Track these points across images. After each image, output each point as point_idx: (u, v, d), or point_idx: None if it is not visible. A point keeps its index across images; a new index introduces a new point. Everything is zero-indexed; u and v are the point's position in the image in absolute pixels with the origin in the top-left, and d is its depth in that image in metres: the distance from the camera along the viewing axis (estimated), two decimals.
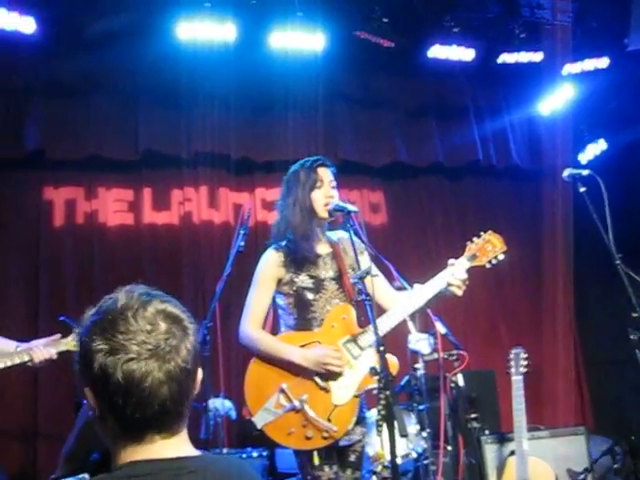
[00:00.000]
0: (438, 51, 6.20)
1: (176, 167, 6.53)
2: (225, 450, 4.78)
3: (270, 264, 3.31)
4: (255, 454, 4.89)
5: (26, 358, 3.24)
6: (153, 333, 1.32)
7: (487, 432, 5.16)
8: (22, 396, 5.69)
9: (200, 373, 1.42)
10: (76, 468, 1.21)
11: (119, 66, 5.96)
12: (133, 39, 5.71)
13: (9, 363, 3.21)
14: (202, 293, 6.28)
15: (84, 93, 6.04)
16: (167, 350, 1.32)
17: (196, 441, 5.27)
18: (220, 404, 4.64)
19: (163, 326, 1.34)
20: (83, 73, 5.95)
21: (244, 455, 4.84)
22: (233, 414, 4.67)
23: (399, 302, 3.22)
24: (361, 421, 3.25)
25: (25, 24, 5.25)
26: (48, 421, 5.57)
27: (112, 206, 6.40)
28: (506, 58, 6.38)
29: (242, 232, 3.90)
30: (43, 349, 3.25)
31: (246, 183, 6.88)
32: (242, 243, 3.86)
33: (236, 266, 4.20)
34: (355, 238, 3.12)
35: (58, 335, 3.33)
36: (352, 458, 3.24)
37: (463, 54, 6.25)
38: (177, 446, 1.37)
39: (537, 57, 6.42)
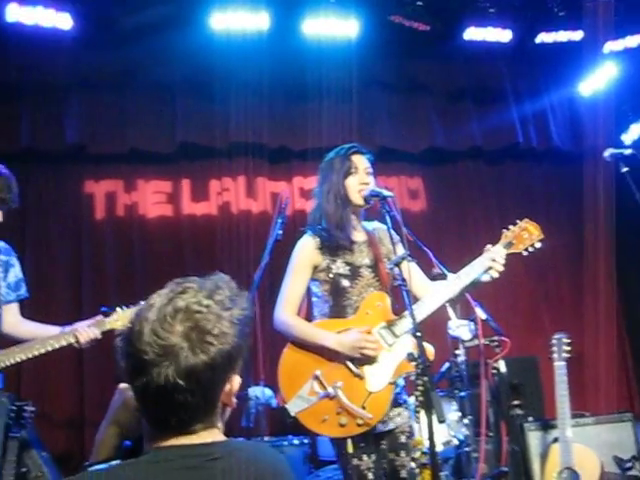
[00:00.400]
0: (474, 33, 6.10)
1: (213, 158, 6.58)
2: (267, 438, 4.81)
3: (306, 250, 3.30)
4: (296, 442, 4.90)
5: (72, 339, 3.30)
6: (170, 331, 1.34)
7: (530, 419, 5.09)
8: (68, 381, 5.83)
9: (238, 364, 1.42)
10: (109, 455, 1.23)
11: (155, 59, 6.03)
12: (167, 31, 5.76)
13: (56, 345, 3.28)
14: (242, 283, 6.30)
15: (121, 87, 6.13)
16: (185, 347, 1.32)
17: (238, 430, 5.37)
18: (260, 392, 4.66)
19: (180, 327, 1.34)
20: (120, 67, 6.04)
21: (285, 443, 4.85)
22: (273, 402, 4.68)
23: (435, 290, 3.19)
24: (403, 404, 3.23)
25: (62, 20, 5.34)
26: (94, 405, 5.67)
27: (151, 198, 6.49)
28: (544, 38, 6.26)
29: (279, 221, 3.90)
30: (88, 329, 3.31)
31: (283, 172, 6.90)
32: (280, 232, 3.86)
33: (274, 255, 4.21)
34: (393, 232, 3.07)
35: (100, 315, 3.38)
36: (402, 439, 3.20)
37: (500, 35, 6.15)
38: (205, 431, 1.39)
39: (577, 36, 6.27)
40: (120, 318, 3.34)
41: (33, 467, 3.33)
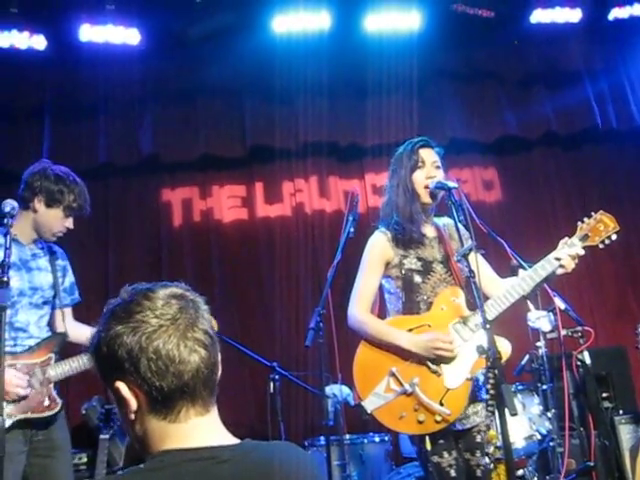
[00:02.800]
0: (541, 15, 5.93)
1: (285, 159, 6.62)
2: (347, 436, 4.82)
3: (378, 246, 3.30)
4: (377, 439, 4.89)
5: None
6: (167, 306, 1.34)
7: (621, 412, 4.91)
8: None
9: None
10: (137, 458, 1.26)
11: (220, 65, 6.14)
12: (231, 37, 5.87)
13: None
14: (319, 282, 6.35)
15: (190, 95, 6.28)
16: (187, 319, 1.34)
17: (318, 428, 5.40)
18: (338, 390, 4.66)
19: (175, 302, 1.36)
20: (187, 76, 6.19)
21: (365, 440, 4.85)
22: (351, 400, 4.67)
23: (508, 285, 3.12)
24: (482, 401, 3.17)
25: (130, 36, 5.51)
26: None
27: (226, 203, 6.60)
28: (618, 13, 6.00)
29: (351, 218, 3.89)
30: None
31: (355, 169, 6.89)
32: (352, 229, 3.85)
33: (347, 253, 4.20)
34: (460, 226, 3.02)
35: None
36: (478, 439, 3.16)
37: (569, 15, 5.94)
38: (211, 429, 1.36)
39: None
40: None
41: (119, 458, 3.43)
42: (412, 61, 6.10)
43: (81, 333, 3.44)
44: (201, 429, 1.35)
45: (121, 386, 1.33)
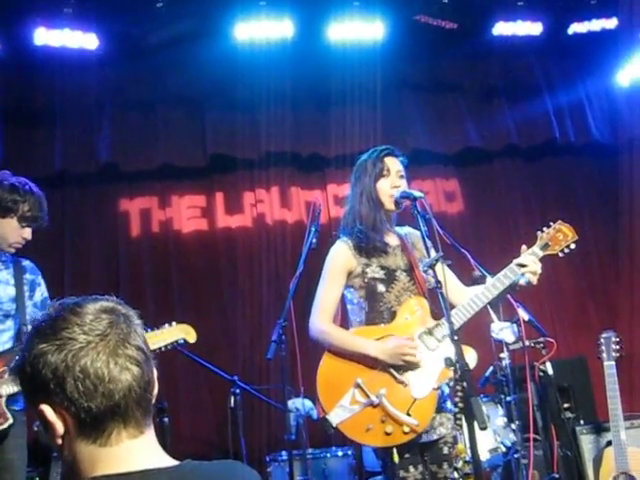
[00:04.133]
0: (503, 28, 5.99)
1: (246, 169, 6.57)
2: (309, 450, 4.74)
3: (340, 256, 3.24)
4: (340, 453, 4.82)
5: None
6: (97, 321, 1.25)
7: (582, 422, 4.92)
8: None
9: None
10: None
11: (181, 73, 6.08)
12: (192, 45, 5.81)
13: None
14: (281, 294, 6.27)
15: (149, 103, 6.19)
16: (118, 334, 1.25)
17: (280, 443, 5.31)
18: (300, 404, 4.59)
19: (105, 316, 1.27)
20: (147, 83, 6.11)
21: (328, 455, 4.78)
22: (314, 414, 4.60)
23: (472, 294, 3.10)
24: (448, 412, 3.13)
25: (88, 41, 5.38)
26: None
27: (186, 213, 6.50)
28: (577, 28, 6.11)
29: (313, 229, 3.84)
30: None
31: (317, 180, 6.85)
32: (314, 240, 3.80)
33: (310, 264, 4.13)
34: (425, 235, 2.99)
35: None
36: (445, 450, 3.11)
37: (530, 28, 6.02)
38: (145, 452, 1.26)
39: (611, 24, 6.09)
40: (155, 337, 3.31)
41: None
42: (375, 71, 6.11)
43: None
44: (135, 452, 1.25)
45: (45, 409, 1.22)
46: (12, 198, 3.25)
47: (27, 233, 3.34)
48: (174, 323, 3.42)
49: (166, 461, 1.28)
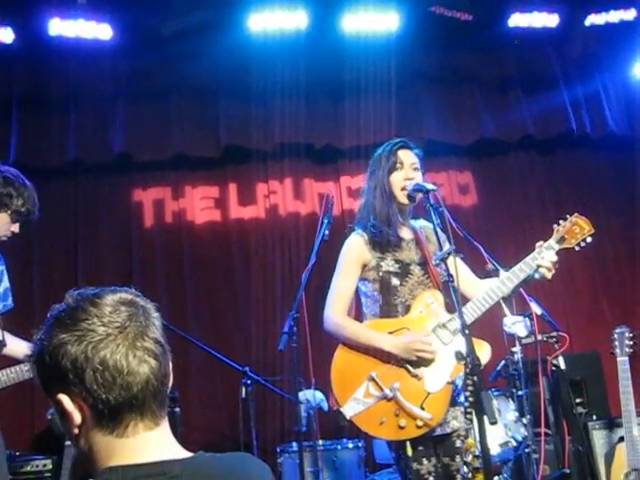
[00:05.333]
0: (519, 19, 5.93)
1: (259, 160, 6.55)
2: (320, 442, 4.75)
3: (355, 248, 3.25)
4: (351, 445, 4.82)
5: None
6: (116, 314, 1.25)
7: (594, 417, 4.90)
8: None
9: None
10: (84, 474, 1.16)
11: (194, 63, 6.03)
12: (206, 35, 5.77)
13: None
14: (293, 285, 6.27)
15: (163, 93, 6.15)
16: (137, 327, 1.26)
17: (290, 434, 5.32)
18: (311, 395, 4.59)
19: (124, 308, 1.28)
20: (161, 73, 6.08)
21: (339, 446, 4.79)
22: (325, 405, 4.60)
23: (487, 288, 3.09)
24: (461, 405, 3.13)
25: (102, 31, 5.39)
26: None
27: (199, 204, 6.49)
28: (594, 19, 6.03)
29: (326, 221, 3.82)
30: None
31: (330, 172, 6.82)
32: (326, 232, 3.79)
33: (322, 255, 4.12)
34: (438, 228, 2.98)
35: None
36: (458, 444, 3.12)
37: (546, 20, 5.96)
38: (160, 444, 1.28)
39: (629, 15, 6.02)
40: None
41: None
42: (389, 63, 6.06)
43: (15, 345, 3.27)
44: (151, 443, 1.26)
45: (63, 398, 1.23)
46: (7, 192, 3.16)
47: (16, 227, 3.26)
48: None
49: (180, 453, 1.29)
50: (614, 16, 6.01)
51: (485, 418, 2.40)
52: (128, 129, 6.06)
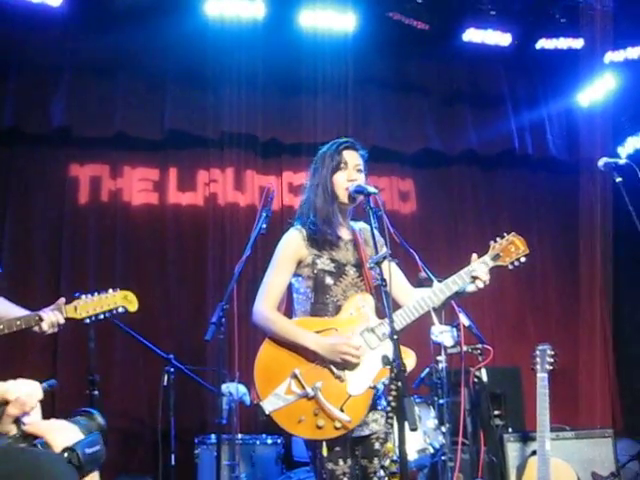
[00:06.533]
0: (474, 35, 6.04)
1: (202, 147, 6.47)
2: (239, 436, 4.71)
3: (292, 243, 3.21)
4: (270, 441, 4.81)
5: (33, 323, 3.15)
6: None
7: (510, 430, 5.01)
8: (40, 374, 5.67)
9: None
10: None
11: (146, 44, 5.93)
12: (160, 16, 5.67)
13: (23, 326, 3.14)
14: (225, 276, 6.20)
15: (111, 70, 6.02)
16: None
17: (210, 426, 5.26)
18: (234, 389, 4.55)
19: None
20: (110, 50, 5.94)
21: (258, 442, 4.76)
22: (247, 399, 4.58)
23: (418, 297, 3.10)
24: (381, 409, 3.14)
25: None
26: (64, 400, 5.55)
27: (137, 185, 6.37)
28: (545, 44, 6.20)
29: (264, 214, 3.78)
30: (51, 313, 3.18)
31: (273, 166, 6.79)
32: (264, 225, 3.75)
33: (259, 249, 4.08)
34: (376, 232, 2.98)
35: (62, 299, 3.25)
36: (376, 446, 3.12)
37: (500, 38, 6.08)
38: None
39: (577, 43, 6.21)
40: (81, 307, 3.21)
41: None
42: (344, 63, 6.08)
43: None
44: None
45: None
46: None
47: None
48: (118, 289, 3.32)
49: None
50: (563, 43, 6.18)
51: (406, 424, 2.41)
52: (70, 102, 5.90)
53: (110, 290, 3.30)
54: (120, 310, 3.30)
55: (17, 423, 1.42)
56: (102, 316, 3.28)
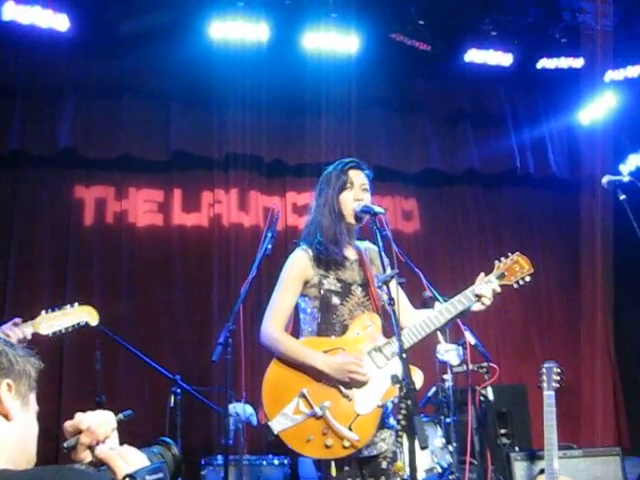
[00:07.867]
0: (475, 55, 6.08)
1: (207, 169, 6.51)
2: (246, 456, 4.69)
3: (299, 264, 3.22)
4: (276, 462, 4.78)
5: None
6: None
7: (517, 448, 4.99)
8: (45, 396, 5.66)
9: None
10: None
11: (151, 66, 5.98)
12: (166, 39, 5.73)
13: None
14: (231, 297, 6.21)
15: (116, 92, 6.07)
16: None
17: (216, 447, 5.23)
18: (241, 409, 4.54)
19: None
20: (116, 73, 5.99)
21: (264, 462, 4.74)
22: (254, 420, 4.56)
23: (424, 317, 3.11)
24: (390, 428, 3.13)
25: (59, 21, 5.27)
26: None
27: (142, 206, 6.40)
28: (546, 63, 6.24)
29: (269, 235, 3.80)
30: (16, 329, 3.19)
31: (277, 186, 6.82)
32: (269, 246, 3.77)
33: (265, 270, 4.09)
34: (382, 252, 2.99)
35: (19, 319, 3.27)
36: (384, 465, 3.11)
37: (501, 59, 6.13)
38: None
39: (578, 63, 6.26)
40: (44, 323, 3.24)
41: None
42: (347, 85, 6.12)
43: None
44: None
45: None
46: None
47: None
48: (76, 304, 3.33)
49: None
50: (564, 62, 6.23)
51: (416, 442, 2.41)
52: (76, 124, 5.94)
53: (68, 306, 3.34)
54: (82, 324, 3.33)
55: (92, 451, 1.44)
56: (64, 330, 3.31)
